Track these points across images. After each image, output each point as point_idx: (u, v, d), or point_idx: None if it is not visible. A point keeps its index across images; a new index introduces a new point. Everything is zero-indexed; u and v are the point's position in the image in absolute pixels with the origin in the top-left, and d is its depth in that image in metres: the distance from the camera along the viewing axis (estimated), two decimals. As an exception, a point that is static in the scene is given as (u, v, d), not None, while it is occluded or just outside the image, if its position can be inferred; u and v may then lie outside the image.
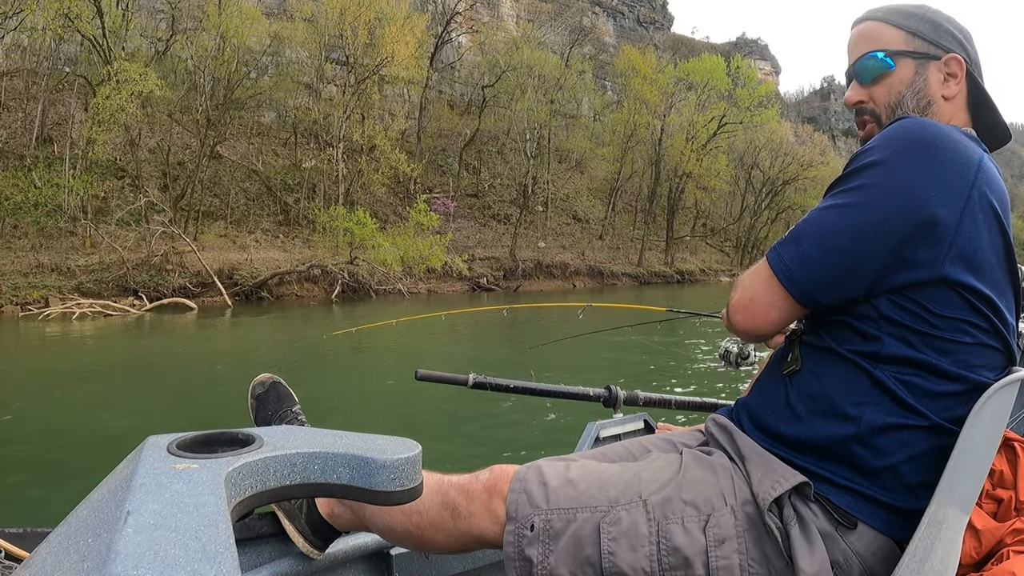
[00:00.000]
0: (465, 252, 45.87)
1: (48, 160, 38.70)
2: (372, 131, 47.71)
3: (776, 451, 1.52)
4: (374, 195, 49.32)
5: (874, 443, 1.42)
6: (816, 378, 1.51)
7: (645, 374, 13.76)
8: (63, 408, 11.19)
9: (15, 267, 31.12)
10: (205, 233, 39.77)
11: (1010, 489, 2.00)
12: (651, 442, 1.80)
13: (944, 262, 1.39)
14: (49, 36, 36.28)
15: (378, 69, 46.65)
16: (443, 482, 1.61)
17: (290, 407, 2.07)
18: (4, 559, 1.82)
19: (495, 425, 9.71)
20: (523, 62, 55.49)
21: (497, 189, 60.54)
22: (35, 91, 41.08)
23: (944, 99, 1.60)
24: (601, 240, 62.37)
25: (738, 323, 1.57)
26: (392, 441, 0.89)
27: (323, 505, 1.82)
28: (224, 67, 42.63)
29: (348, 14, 45.44)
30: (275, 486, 0.83)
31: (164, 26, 46.38)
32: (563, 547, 1.47)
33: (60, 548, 0.71)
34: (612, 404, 2.86)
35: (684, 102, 62.10)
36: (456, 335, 21.13)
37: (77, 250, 34.00)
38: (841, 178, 1.49)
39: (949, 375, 1.43)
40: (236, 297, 33.67)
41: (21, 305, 28.63)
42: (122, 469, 0.83)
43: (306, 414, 2.11)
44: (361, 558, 2.09)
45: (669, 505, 1.46)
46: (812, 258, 1.45)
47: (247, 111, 49.17)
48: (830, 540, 1.41)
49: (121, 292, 31.51)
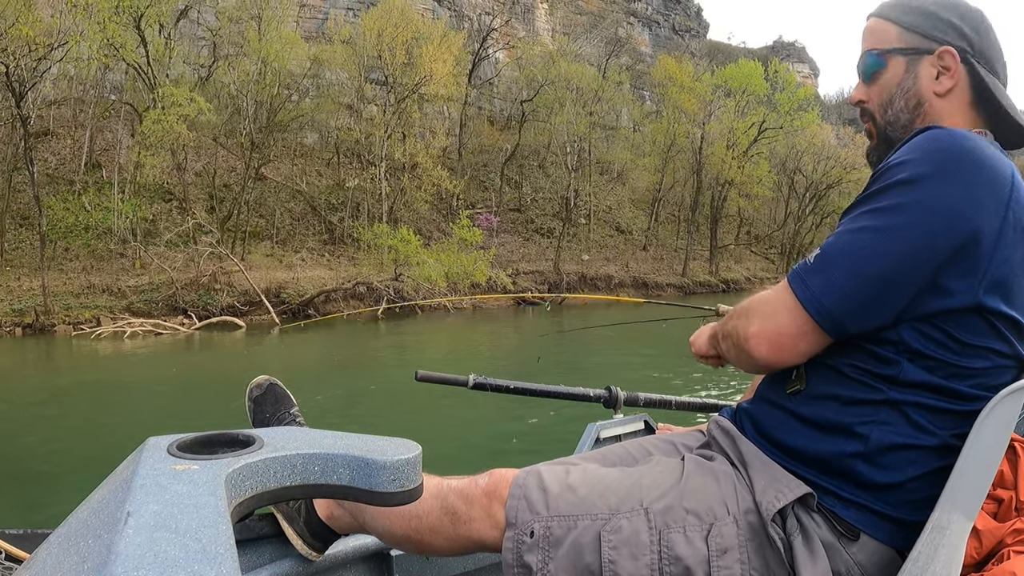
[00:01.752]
0: (509, 267, 45.94)
1: (97, 184, 39.60)
2: (413, 149, 47.99)
3: (779, 460, 1.48)
4: (417, 212, 49.54)
5: (881, 461, 1.39)
6: (823, 394, 1.45)
7: (640, 368, 13.64)
8: (114, 416, 11.38)
9: (67, 288, 31.86)
10: (252, 253, 40.31)
11: (1010, 489, 1.98)
12: (652, 444, 1.78)
13: (980, 289, 1.32)
14: (95, 65, 37.06)
15: (417, 88, 47.02)
16: (442, 486, 1.59)
17: (288, 409, 2.04)
18: (4, 560, 1.83)
19: (495, 425, 9.70)
20: (560, 75, 55.52)
21: (539, 203, 60.56)
22: (83, 118, 42.10)
23: (937, 96, 1.52)
24: (645, 251, 62.04)
25: (760, 355, 1.46)
26: (392, 442, 0.88)
27: (322, 507, 1.79)
28: (266, 91, 43.26)
29: (386, 35, 45.92)
30: (275, 487, 0.82)
31: (206, 53, 47.27)
32: (563, 555, 1.45)
33: (60, 549, 0.71)
34: (612, 405, 2.83)
35: (723, 109, 61.66)
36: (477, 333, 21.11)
37: (127, 271, 34.73)
38: (870, 195, 1.39)
39: (966, 397, 1.38)
40: (283, 315, 33.99)
41: (73, 325, 29.31)
42: (122, 470, 0.83)
43: (307, 417, 2.08)
44: (361, 559, 2.07)
45: (671, 513, 1.44)
46: (844, 287, 1.36)
47: (290, 133, 49.80)
48: (832, 550, 1.38)
49: (171, 312, 32.03)
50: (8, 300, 30.52)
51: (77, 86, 43.36)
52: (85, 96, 43.24)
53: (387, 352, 18.26)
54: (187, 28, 47.92)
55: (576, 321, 24.19)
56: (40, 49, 32.28)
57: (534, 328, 23.42)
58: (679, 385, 12.03)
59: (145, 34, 36.26)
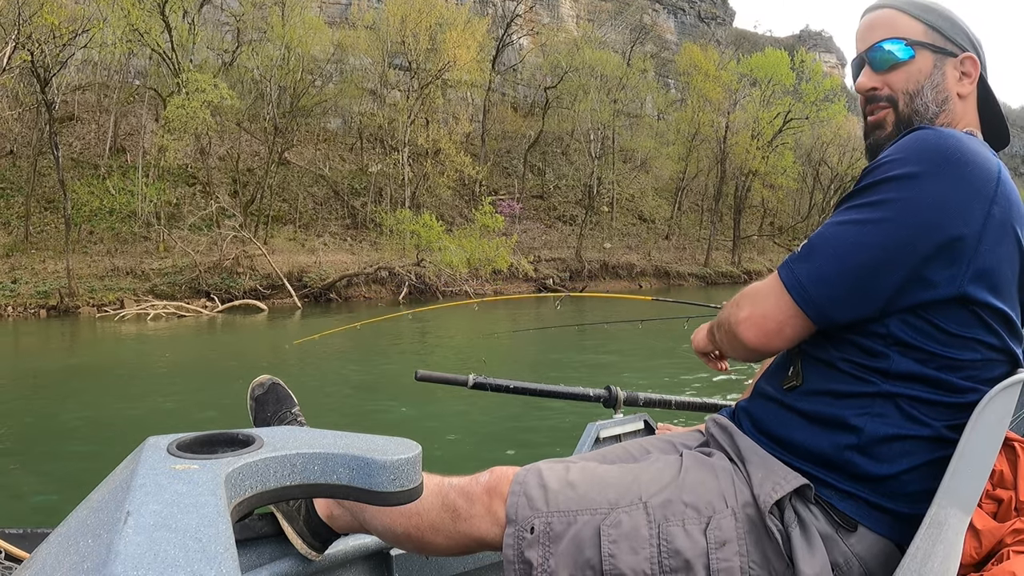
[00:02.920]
0: (531, 253, 45.93)
1: (122, 169, 39.92)
2: (436, 135, 48.06)
3: (777, 454, 1.51)
4: (440, 198, 49.58)
5: (876, 452, 1.41)
6: (818, 389, 1.49)
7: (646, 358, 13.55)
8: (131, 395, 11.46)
9: (92, 271, 32.18)
10: (275, 237, 40.52)
11: (1010, 489, 1.94)
12: (651, 443, 1.79)
13: (964, 280, 1.36)
14: (119, 51, 37.29)
15: (440, 74, 47.05)
16: (443, 484, 1.60)
17: (289, 408, 2.05)
18: (4, 560, 1.83)
19: (495, 425, 9.70)
20: (585, 62, 55.39)
21: (562, 190, 60.49)
22: (107, 103, 42.48)
23: (959, 97, 1.58)
24: (667, 240, 61.87)
25: (749, 340, 1.52)
26: (392, 441, 0.88)
27: (322, 507, 1.80)
28: (289, 76, 43.47)
29: (409, 21, 46.00)
30: (275, 487, 0.83)
31: (230, 38, 47.39)
32: (563, 550, 1.46)
33: (60, 549, 0.71)
34: (612, 404, 2.83)
35: (748, 98, 61.28)
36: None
37: (151, 254, 35.01)
38: (859, 190, 1.45)
39: (958, 389, 1.41)
40: (305, 299, 34.12)
41: (97, 307, 29.62)
42: (122, 470, 0.83)
43: (307, 417, 2.09)
44: (362, 558, 2.08)
45: (670, 507, 1.46)
46: (828, 276, 1.42)
47: (313, 118, 49.97)
48: (830, 542, 1.41)
49: (194, 294, 32.29)
50: (33, 282, 30.90)
51: (102, 71, 43.72)
52: (109, 81, 43.62)
53: (408, 339, 18.27)
54: (211, 14, 48.12)
55: (591, 313, 24.17)
56: (64, 36, 32.51)
57: (550, 319, 23.39)
58: (679, 385, 11.94)
59: (169, 20, 36.41)
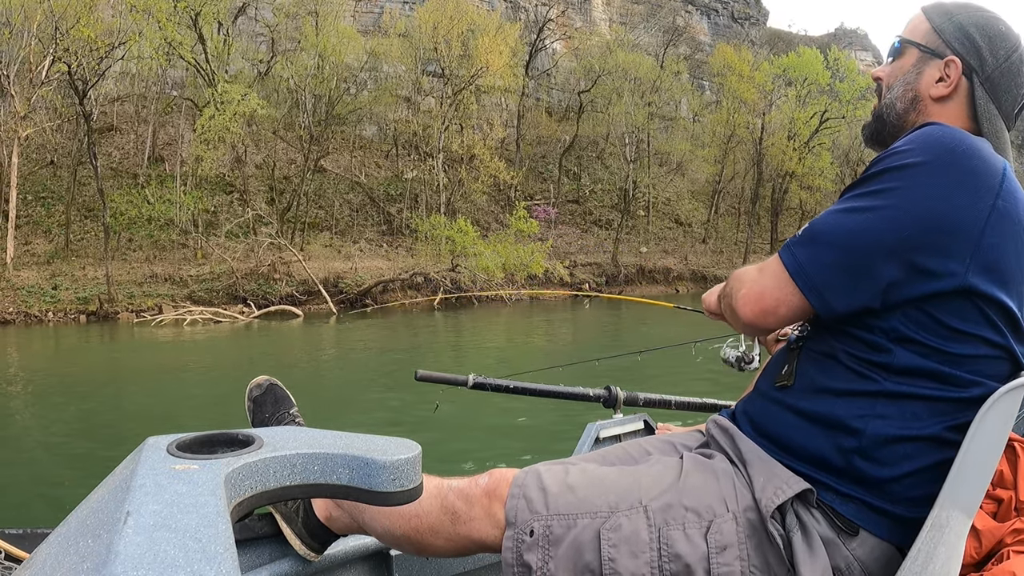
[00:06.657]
0: (567, 258, 45.86)
1: (160, 178, 40.53)
2: (471, 141, 48.11)
3: (778, 457, 1.49)
4: (475, 203, 49.61)
5: (877, 455, 1.40)
6: (818, 387, 1.49)
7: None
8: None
9: (130, 277, 32.68)
10: (311, 243, 40.80)
11: (1010, 489, 1.99)
12: (651, 444, 1.78)
13: (968, 272, 1.36)
14: (155, 63, 37.81)
15: (474, 80, 47.12)
16: (442, 486, 1.60)
17: (288, 409, 2.03)
18: (4, 560, 1.84)
19: (494, 425, 9.61)
20: (618, 65, 55.10)
21: (598, 194, 60.28)
22: (145, 114, 43.17)
23: (932, 99, 1.58)
24: (704, 244, 61.41)
25: (746, 315, 1.53)
26: (392, 442, 0.89)
27: (320, 508, 1.79)
28: (324, 84, 43.72)
29: (441, 27, 46.17)
30: (275, 487, 0.83)
31: (264, 48, 47.87)
32: (563, 553, 1.45)
33: (60, 549, 0.71)
34: (612, 404, 2.83)
35: (784, 99, 60.74)
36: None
37: (189, 261, 35.47)
38: (861, 180, 1.46)
39: (961, 382, 1.40)
40: (341, 304, 34.27)
41: (136, 312, 30.09)
42: (122, 470, 0.83)
43: (306, 417, 2.07)
44: (361, 558, 2.07)
45: (670, 511, 1.45)
46: (825, 258, 1.43)
47: (348, 125, 50.25)
48: (832, 546, 1.40)
49: (231, 300, 32.63)
50: (73, 288, 31.53)
51: (139, 83, 44.33)
52: (147, 92, 44.28)
53: (443, 344, 18.29)
54: (245, 25, 48.57)
55: (625, 321, 24.13)
56: (101, 49, 33.11)
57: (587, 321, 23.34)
58: (679, 385, 11.75)
59: (203, 32, 36.84)
